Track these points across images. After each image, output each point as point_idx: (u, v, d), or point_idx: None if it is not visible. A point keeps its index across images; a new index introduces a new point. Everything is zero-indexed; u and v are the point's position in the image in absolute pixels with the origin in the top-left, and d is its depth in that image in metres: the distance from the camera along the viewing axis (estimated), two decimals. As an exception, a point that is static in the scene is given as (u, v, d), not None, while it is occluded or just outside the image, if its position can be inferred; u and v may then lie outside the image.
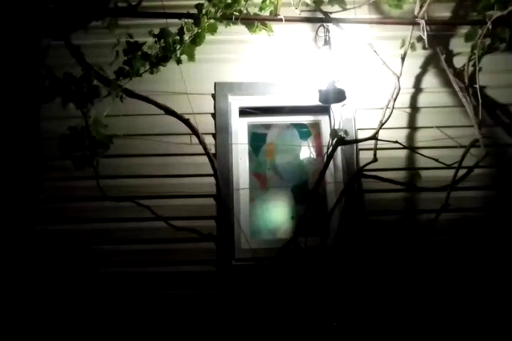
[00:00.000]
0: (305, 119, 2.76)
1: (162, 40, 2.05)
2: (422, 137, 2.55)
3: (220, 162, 2.45)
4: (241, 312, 2.26)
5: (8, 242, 2.31)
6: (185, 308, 2.31)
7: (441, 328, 2.28)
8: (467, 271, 2.36)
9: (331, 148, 2.30)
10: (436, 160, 2.28)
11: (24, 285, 2.26)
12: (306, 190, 2.64)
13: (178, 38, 2.07)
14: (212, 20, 2.14)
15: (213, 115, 2.58)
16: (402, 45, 2.46)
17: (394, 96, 2.38)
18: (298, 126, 2.77)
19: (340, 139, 2.28)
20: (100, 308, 2.28)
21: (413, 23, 2.41)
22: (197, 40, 2.12)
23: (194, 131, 2.32)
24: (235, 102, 2.65)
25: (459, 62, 2.60)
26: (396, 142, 2.34)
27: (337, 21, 2.37)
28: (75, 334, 2.23)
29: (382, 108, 2.41)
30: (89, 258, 2.36)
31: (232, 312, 2.27)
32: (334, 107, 2.55)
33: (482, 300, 2.31)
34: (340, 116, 2.54)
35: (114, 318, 2.28)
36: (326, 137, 2.54)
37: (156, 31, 2.06)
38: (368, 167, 2.32)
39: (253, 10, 2.35)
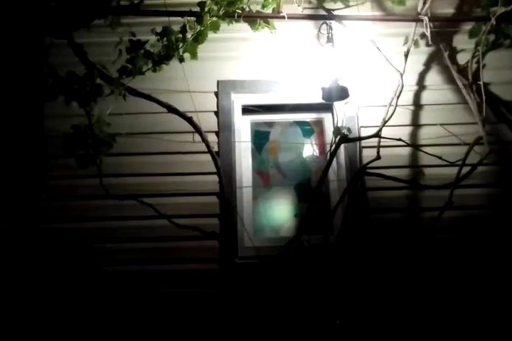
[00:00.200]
0: (308, 117, 2.76)
1: (165, 38, 2.05)
2: (425, 134, 2.55)
3: (223, 160, 2.46)
4: (244, 310, 2.28)
5: (12, 240, 2.33)
6: (189, 306, 2.33)
7: (445, 326, 2.28)
8: (471, 268, 2.36)
9: (334, 146, 2.30)
10: (440, 158, 2.28)
11: (28, 282, 2.28)
12: (309, 188, 2.65)
13: (180, 36, 2.08)
14: (214, 18, 2.14)
15: (216, 113, 2.59)
16: (406, 42, 2.45)
17: (397, 94, 2.38)
18: (301, 124, 2.78)
19: (344, 137, 2.29)
20: (104, 306, 2.30)
21: (416, 19, 2.41)
22: (199, 38, 2.13)
23: (197, 129, 2.33)
24: (238, 100, 2.66)
25: (462, 58, 2.59)
26: (399, 140, 2.35)
27: (340, 18, 2.38)
28: (79, 332, 2.25)
29: (385, 105, 2.41)
30: (93, 256, 2.37)
31: (235, 310, 2.28)
32: (337, 105, 2.55)
33: (486, 297, 2.32)
34: (343, 113, 2.55)
35: (118, 316, 2.30)
36: (329, 135, 2.54)
37: (159, 29, 2.06)
38: (371, 165, 2.32)
39: (255, 7, 2.36)
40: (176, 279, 2.37)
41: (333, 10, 2.38)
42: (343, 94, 2.37)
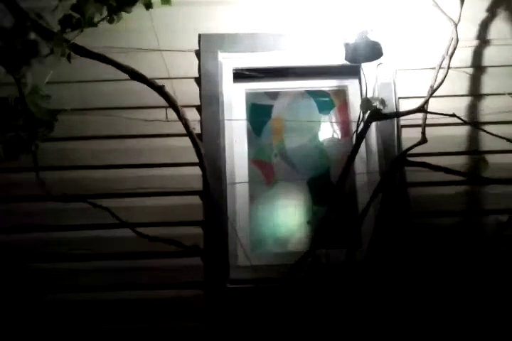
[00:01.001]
0: (326, 85, 2.79)
1: (125, -26, 2.05)
2: (488, 108, 2.57)
3: (207, 146, 2.47)
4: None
5: None
6: (164, 346, 2.36)
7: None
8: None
9: (362, 125, 2.32)
10: (509, 141, 2.29)
11: None
12: (327, 184, 2.68)
13: (147, -30, 2.08)
14: None
15: (197, 80, 2.61)
16: (462, -21, 2.47)
17: (449, 52, 2.38)
18: (316, 95, 2.80)
19: (375, 112, 2.30)
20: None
21: None
22: (173, -26, 2.13)
23: (171, 103, 2.32)
24: (228, 62, 2.67)
25: (541, 1, 2.62)
26: (453, 116, 2.34)
27: None
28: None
29: (433, 68, 2.42)
30: (30, 279, 2.38)
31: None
32: (366, 67, 2.57)
33: None
34: (374, 79, 2.58)
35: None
36: (356, 109, 2.57)
37: (116, -38, 2.06)
38: (413, 151, 2.33)
39: None
40: (147, 310, 2.39)
41: None
42: (374, 52, 2.38)
